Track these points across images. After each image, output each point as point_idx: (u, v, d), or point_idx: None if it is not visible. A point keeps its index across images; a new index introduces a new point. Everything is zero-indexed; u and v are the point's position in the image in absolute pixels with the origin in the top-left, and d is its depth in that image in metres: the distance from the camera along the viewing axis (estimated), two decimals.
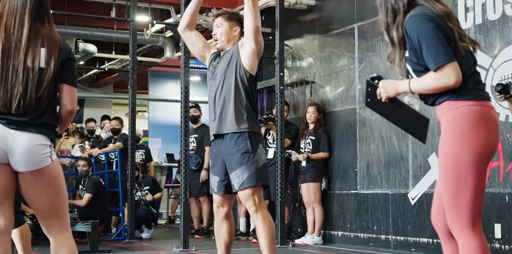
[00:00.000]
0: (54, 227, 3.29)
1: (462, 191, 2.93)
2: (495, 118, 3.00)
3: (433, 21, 2.98)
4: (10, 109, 3.13)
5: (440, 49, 2.91)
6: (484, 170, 2.97)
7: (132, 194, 9.20)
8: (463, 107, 2.95)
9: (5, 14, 3.23)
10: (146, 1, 10.62)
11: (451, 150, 2.96)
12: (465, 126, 2.94)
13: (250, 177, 4.62)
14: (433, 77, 2.94)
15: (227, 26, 4.85)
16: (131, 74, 9.31)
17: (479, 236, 2.95)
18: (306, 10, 9.42)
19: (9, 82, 3.13)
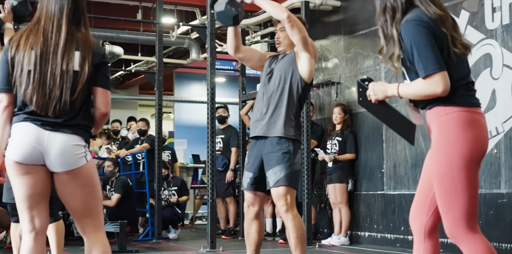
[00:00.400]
0: (88, 227, 3.33)
1: (457, 195, 2.99)
2: (484, 124, 3.05)
3: (427, 27, 3.01)
4: (47, 112, 3.19)
5: (431, 58, 2.96)
6: (476, 173, 3.04)
7: (159, 195, 9.25)
8: (453, 113, 3.01)
9: (42, 18, 3.29)
10: (171, 3, 10.68)
11: (443, 155, 3.02)
12: (455, 131, 3.00)
13: (286, 176, 4.68)
14: (421, 85, 3.00)
15: None
16: (157, 76, 9.38)
17: (481, 237, 3.00)
18: (331, 11, 9.42)
19: (47, 86, 3.19)
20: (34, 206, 3.24)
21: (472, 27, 7.00)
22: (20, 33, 3.28)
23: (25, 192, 3.22)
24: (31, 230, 3.26)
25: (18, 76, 3.21)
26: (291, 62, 4.86)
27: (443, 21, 3.06)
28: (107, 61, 3.41)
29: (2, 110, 3.26)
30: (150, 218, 9.73)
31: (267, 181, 4.76)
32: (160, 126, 9.39)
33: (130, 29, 12.30)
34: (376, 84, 3.19)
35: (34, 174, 3.21)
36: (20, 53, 3.22)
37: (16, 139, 3.20)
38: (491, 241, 6.52)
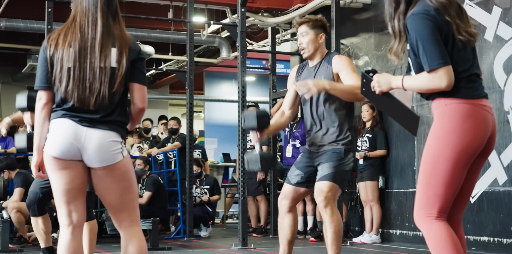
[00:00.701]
0: (124, 221, 3.38)
1: (433, 183, 3.03)
2: (483, 117, 3.04)
3: (432, 20, 3.03)
4: (89, 105, 3.24)
5: (435, 52, 2.99)
6: (462, 168, 3.05)
7: (191, 193, 9.30)
8: (451, 104, 3.03)
9: (78, 15, 3.34)
10: (202, 2, 10.73)
11: (434, 144, 3.06)
12: (450, 123, 3.03)
13: (332, 174, 4.66)
14: (426, 78, 3.02)
15: (312, 35, 4.85)
16: (188, 74, 9.43)
17: (445, 224, 3.02)
18: (361, 9, 9.40)
19: (87, 80, 3.24)
20: (71, 200, 3.30)
21: (504, 23, 6.95)
22: (58, 32, 3.33)
23: (63, 187, 3.28)
24: (68, 224, 3.31)
25: (58, 73, 3.26)
26: (330, 74, 4.78)
27: (447, 10, 3.06)
28: (144, 57, 3.45)
29: (41, 108, 3.32)
30: (181, 216, 9.78)
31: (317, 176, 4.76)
32: (191, 125, 9.44)
33: (161, 28, 12.38)
34: (381, 76, 3.21)
35: (71, 169, 3.26)
36: (59, 51, 3.27)
37: (54, 134, 3.26)
38: None
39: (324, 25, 4.92)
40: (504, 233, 6.82)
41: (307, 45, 4.86)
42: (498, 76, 7.00)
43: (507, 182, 6.83)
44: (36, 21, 10.80)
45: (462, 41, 3.07)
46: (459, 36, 3.04)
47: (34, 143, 3.35)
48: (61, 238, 3.30)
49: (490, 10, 7.11)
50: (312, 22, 4.87)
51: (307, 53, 4.88)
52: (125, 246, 3.39)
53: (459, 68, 3.05)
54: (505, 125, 6.86)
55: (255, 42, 12.25)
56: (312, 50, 4.87)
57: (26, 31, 11.09)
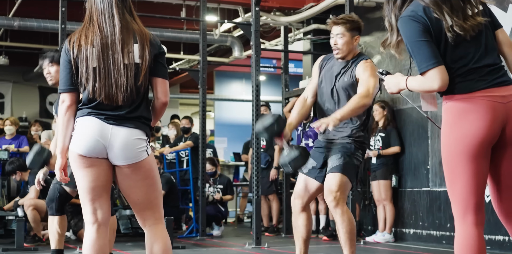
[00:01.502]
0: (149, 219, 3.39)
1: (454, 182, 3.02)
2: (487, 107, 2.99)
3: (419, 22, 3.03)
4: (117, 101, 3.25)
5: (424, 54, 2.99)
6: (479, 161, 3.00)
7: (204, 192, 9.31)
8: (449, 102, 3.05)
9: (94, 15, 3.35)
10: (215, 1, 10.74)
11: (443, 143, 3.08)
12: (450, 120, 3.03)
13: (342, 166, 4.69)
14: (420, 81, 3.04)
15: (349, 37, 4.82)
16: (201, 73, 9.43)
17: (471, 228, 2.99)
18: (375, 8, 9.39)
19: (112, 76, 3.25)
20: (96, 198, 3.31)
21: None
22: (78, 33, 3.34)
23: (88, 185, 3.29)
24: (94, 222, 3.33)
25: (85, 73, 3.27)
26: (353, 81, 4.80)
27: (439, 6, 3.04)
28: (164, 51, 3.46)
29: (65, 110, 3.33)
30: (194, 215, 9.79)
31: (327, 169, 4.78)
32: (204, 124, 9.46)
33: (173, 27, 12.39)
34: (390, 77, 3.25)
35: (97, 166, 3.28)
36: (83, 52, 3.27)
37: (80, 132, 3.28)
38: None
39: (360, 27, 4.90)
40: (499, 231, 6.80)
41: (342, 46, 4.82)
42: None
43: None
44: (49, 20, 10.82)
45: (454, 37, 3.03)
46: (448, 34, 3.02)
47: (58, 146, 3.36)
48: (86, 236, 3.31)
49: (506, 8, 7.09)
50: (350, 24, 4.84)
51: (341, 54, 4.85)
52: (150, 244, 3.39)
53: (453, 65, 3.03)
54: None
55: (267, 41, 12.25)
56: (346, 52, 4.85)
57: (40, 30, 11.11)
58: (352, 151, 4.77)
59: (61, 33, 7.88)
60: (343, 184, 4.68)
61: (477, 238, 2.98)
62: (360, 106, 4.60)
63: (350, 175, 4.73)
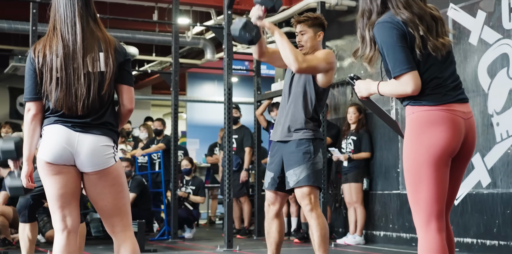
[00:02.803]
0: (117, 226, 3.40)
1: (419, 189, 3.10)
2: (452, 121, 3.10)
3: (397, 28, 3.11)
4: (76, 111, 3.26)
5: (399, 58, 3.07)
6: (442, 170, 3.11)
7: (175, 194, 9.30)
8: (417, 112, 3.13)
9: (57, 23, 3.34)
10: (187, 4, 10.73)
11: (408, 151, 3.15)
12: (417, 129, 3.11)
13: (308, 177, 4.73)
14: (393, 85, 3.12)
15: (311, 33, 4.92)
16: (173, 76, 9.42)
17: (437, 234, 3.07)
18: (346, 11, 9.45)
19: (72, 86, 3.25)
20: (65, 205, 3.31)
21: (488, 27, 7.02)
22: (43, 42, 3.33)
23: (56, 192, 3.29)
24: (63, 229, 3.32)
25: (49, 84, 3.27)
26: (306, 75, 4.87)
27: (415, 24, 3.13)
28: (130, 58, 3.47)
29: (31, 119, 3.33)
30: (166, 217, 9.79)
31: (287, 181, 4.81)
32: (176, 126, 9.45)
33: (145, 29, 12.36)
34: (361, 82, 3.33)
35: (65, 174, 3.28)
36: (47, 62, 3.27)
37: (47, 140, 3.28)
38: (508, 240, 6.57)
39: (322, 23, 4.99)
40: (488, 235, 6.90)
41: (306, 43, 4.91)
42: (482, 79, 7.07)
43: (490, 184, 6.91)
44: (20, 22, 10.74)
45: (428, 55, 3.14)
46: (417, 50, 3.10)
47: (24, 153, 3.37)
48: (56, 243, 3.31)
49: (474, 14, 7.18)
50: (311, 20, 4.93)
51: (305, 51, 4.92)
52: (118, 251, 3.39)
53: (423, 77, 3.12)
54: (489, 128, 6.94)
55: (240, 44, 12.27)
56: (310, 49, 4.93)
57: (10, 32, 11.02)
58: (312, 155, 4.79)
59: (32, 35, 7.84)
60: (314, 191, 4.78)
61: (442, 243, 3.06)
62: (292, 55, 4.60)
63: (318, 181, 4.79)
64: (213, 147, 12.40)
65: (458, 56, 7.39)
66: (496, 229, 6.81)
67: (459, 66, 7.34)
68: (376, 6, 3.24)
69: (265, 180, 4.99)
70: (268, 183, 4.94)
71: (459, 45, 7.38)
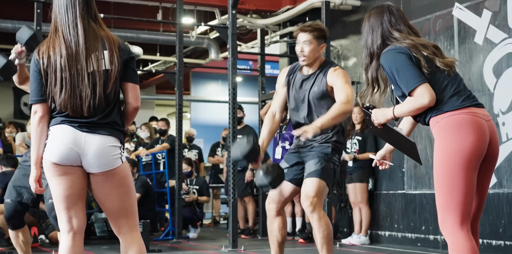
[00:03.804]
0: (124, 227, 3.38)
1: (453, 192, 3.18)
2: (477, 123, 3.23)
3: (403, 52, 3.32)
4: (82, 112, 3.24)
5: (410, 75, 3.25)
6: (472, 172, 3.22)
7: (180, 194, 9.29)
8: (442, 119, 3.26)
9: (58, 25, 3.33)
10: (191, 3, 10.72)
11: (439, 156, 3.25)
12: (445, 134, 3.23)
13: (318, 171, 4.70)
14: (410, 101, 3.27)
15: (316, 45, 4.84)
16: (177, 76, 9.41)
17: (468, 235, 3.16)
18: (351, 11, 9.44)
19: (77, 87, 3.23)
20: (71, 206, 3.29)
21: (494, 26, 7.00)
22: (46, 44, 3.31)
23: (62, 193, 3.27)
24: (69, 230, 3.30)
25: (54, 86, 3.25)
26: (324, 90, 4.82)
27: (418, 49, 3.34)
28: (134, 56, 3.46)
29: (38, 121, 3.30)
30: (170, 217, 9.78)
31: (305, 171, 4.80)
32: (181, 126, 9.43)
33: (149, 29, 12.36)
34: (378, 110, 3.46)
35: (71, 174, 3.26)
36: (52, 63, 3.25)
37: (54, 141, 3.25)
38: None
39: (326, 35, 4.93)
40: (493, 235, 6.88)
41: (309, 54, 4.84)
42: (488, 79, 7.05)
43: (496, 184, 6.89)
44: (24, 21, 10.73)
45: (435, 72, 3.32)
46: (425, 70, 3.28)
47: (32, 157, 3.33)
48: (62, 244, 3.29)
49: (480, 13, 7.16)
50: (317, 32, 4.86)
51: (307, 62, 4.87)
52: (125, 252, 3.38)
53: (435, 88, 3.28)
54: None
55: (244, 43, 12.26)
56: (312, 60, 4.87)
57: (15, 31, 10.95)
58: (329, 155, 4.78)
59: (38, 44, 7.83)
60: (321, 189, 4.70)
61: (474, 245, 3.16)
62: (342, 113, 4.62)
63: (328, 180, 4.75)
64: (215, 147, 12.38)
65: (463, 55, 7.37)
66: (502, 229, 6.79)
67: (464, 65, 7.33)
68: (377, 47, 3.45)
69: None
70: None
71: (464, 45, 7.36)
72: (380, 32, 3.47)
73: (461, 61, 7.39)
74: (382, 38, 3.46)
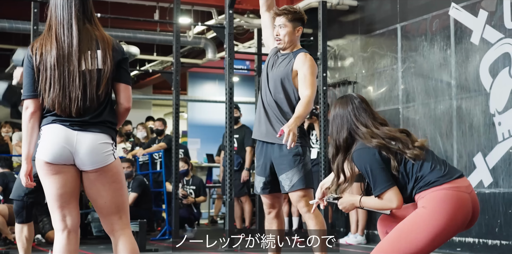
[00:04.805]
0: (116, 224, 3.40)
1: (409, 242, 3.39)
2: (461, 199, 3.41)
3: (372, 154, 3.49)
4: (70, 113, 3.26)
5: (379, 179, 3.45)
6: (436, 247, 3.42)
7: (177, 194, 9.30)
8: (427, 195, 3.45)
9: (53, 24, 3.35)
10: (188, 3, 10.72)
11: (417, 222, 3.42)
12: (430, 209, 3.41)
13: (301, 180, 4.69)
14: (378, 202, 3.50)
15: (291, 28, 4.81)
16: (174, 75, 9.41)
17: None
18: (348, 11, 9.45)
19: (67, 87, 3.26)
20: (65, 205, 3.31)
21: (490, 26, 7.01)
22: (40, 41, 3.34)
23: (56, 192, 3.29)
24: (63, 229, 3.32)
25: (44, 83, 3.28)
26: (289, 69, 4.79)
27: (386, 146, 3.50)
28: (128, 57, 3.49)
29: (29, 117, 3.33)
30: (167, 217, 9.78)
31: (281, 185, 4.76)
32: (177, 126, 9.44)
33: (146, 29, 12.36)
34: (345, 199, 3.69)
35: (64, 173, 3.28)
36: (43, 61, 3.28)
37: (46, 140, 3.27)
38: (510, 240, 6.56)
39: (302, 18, 4.89)
40: (490, 235, 6.89)
41: (284, 37, 4.82)
42: (484, 79, 7.06)
43: (492, 183, 6.90)
44: (21, 21, 10.73)
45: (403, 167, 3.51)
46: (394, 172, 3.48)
47: (23, 152, 3.36)
48: (56, 243, 3.31)
49: (476, 13, 7.17)
50: (291, 14, 4.82)
51: (283, 45, 4.86)
52: (117, 251, 3.40)
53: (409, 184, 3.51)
54: (491, 128, 6.93)
55: (241, 43, 12.27)
56: (289, 43, 4.86)
57: (11, 31, 11.01)
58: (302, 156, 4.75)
59: (33, 35, 7.83)
60: (308, 192, 4.74)
61: None
62: (310, 106, 4.65)
63: (310, 183, 4.76)
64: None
65: (460, 55, 7.39)
66: (498, 229, 6.80)
67: (460, 65, 7.35)
68: (343, 141, 3.62)
69: (256, 185, 4.92)
70: (259, 187, 4.88)
71: (460, 45, 7.37)
72: (346, 126, 3.64)
73: (458, 61, 7.41)
74: (348, 132, 3.63)
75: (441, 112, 7.62)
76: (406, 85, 8.17)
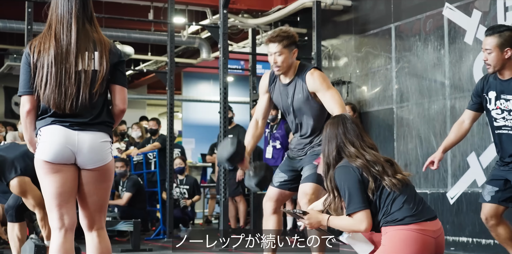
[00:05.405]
0: (97, 222, 3.46)
1: None
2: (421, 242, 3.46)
3: (353, 172, 3.54)
4: (64, 109, 3.30)
5: (355, 197, 3.49)
6: None
7: (171, 194, 9.30)
8: (391, 232, 3.47)
9: (53, 22, 3.39)
10: (183, 3, 10.72)
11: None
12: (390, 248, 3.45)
13: (315, 175, 4.74)
14: (347, 221, 3.52)
15: (287, 53, 4.80)
16: (169, 75, 9.41)
17: None
18: (342, 11, 9.46)
19: (62, 85, 3.30)
20: (63, 204, 3.34)
21: (484, 26, 7.03)
22: (39, 39, 3.38)
23: (55, 190, 3.32)
24: (60, 227, 3.35)
25: (40, 80, 3.32)
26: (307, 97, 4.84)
27: (368, 168, 3.54)
28: (124, 60, 3.53)
29: (26, 114, 3.38)
30: (161, 217, 9.78)
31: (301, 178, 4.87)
32: (172, 125, 9.44)
33: (140, 29, 12.35)
34: (312, 216, 3.69)
35: (64, 172, 3.32)
36: (40, 59, 3.32)
37: (46, 141, 3.31)
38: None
39: (295, 40, 4.88)
40: (483, 234, 6.91)
41: (282, 64, 4.80)
42: (478, 79, 7.07)
43: None
44: (15, 21, 10.72)
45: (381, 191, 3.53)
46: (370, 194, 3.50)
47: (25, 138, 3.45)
48: (53, 241, 3.34)
49: (470, 13, 7.19)
50: (286, 40, 4.80)
51: (281, 71, 4.85)
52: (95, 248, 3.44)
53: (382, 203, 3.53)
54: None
55: (235, 43, 12.27)
56: (286, 68, 4.85)
57: (5, 31, 11.01)
58: None
59: (27, 34, 7.84)
60: (317, 191, 4.76)
61: None
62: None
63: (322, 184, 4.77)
64: (214, 146, 12.39)
65: (453, 55, 7.41)
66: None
67: (454, 65, 7.37)
68: (333, 159, 3.68)
69: (274, 178, 4.97)
70: (278, 182, 4.96)
71: (454, 45, 7.40)
72: (335, 144, 3.70)
73: (451, 61, 7.43)
74: (337, 150, 3.69)
75: (435, 112, 7.64)
76: (400, 85, 8.19)
